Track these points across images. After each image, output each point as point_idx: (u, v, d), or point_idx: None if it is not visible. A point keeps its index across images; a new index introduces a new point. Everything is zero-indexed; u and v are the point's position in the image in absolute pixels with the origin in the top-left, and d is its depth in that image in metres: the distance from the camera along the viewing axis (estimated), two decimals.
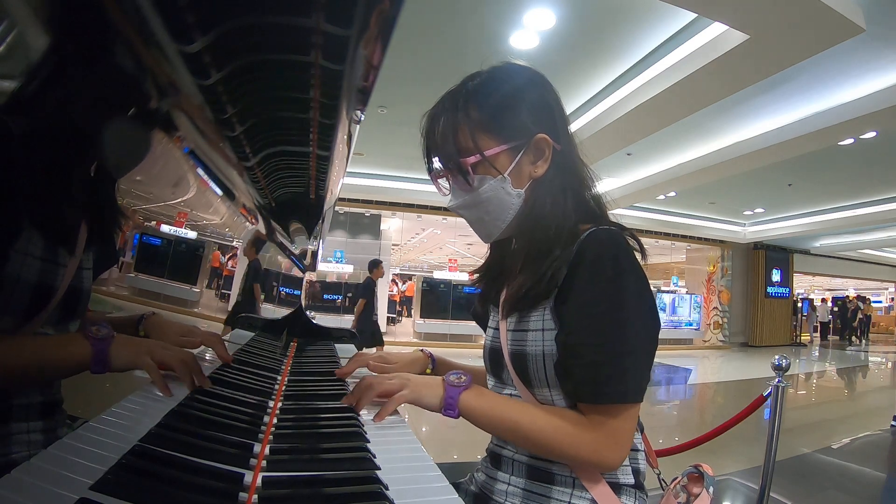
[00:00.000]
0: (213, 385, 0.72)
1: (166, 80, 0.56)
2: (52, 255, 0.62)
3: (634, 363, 0.63)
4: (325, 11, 0.43)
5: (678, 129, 5.10)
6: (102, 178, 0.70)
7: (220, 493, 0.43)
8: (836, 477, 3.06)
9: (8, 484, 0.37)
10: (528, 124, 0.71)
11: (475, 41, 3.86)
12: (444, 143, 0.72)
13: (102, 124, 0.59)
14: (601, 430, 0.63)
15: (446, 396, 0.71)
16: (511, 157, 0.71)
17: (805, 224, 10.08)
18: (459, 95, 0.72)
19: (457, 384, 0.72)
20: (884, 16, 3.16)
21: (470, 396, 0.71)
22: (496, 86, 0.72)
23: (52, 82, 0.50)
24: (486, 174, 0.71)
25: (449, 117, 0.72)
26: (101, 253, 0.76)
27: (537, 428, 0.65)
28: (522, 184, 0.73)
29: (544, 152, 0.72)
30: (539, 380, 0.69)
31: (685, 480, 0.82)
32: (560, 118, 0.74)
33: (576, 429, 0.64)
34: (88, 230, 0.69)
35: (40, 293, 0.61)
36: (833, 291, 21.14)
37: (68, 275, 0.65)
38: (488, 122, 0.70)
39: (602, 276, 0.63)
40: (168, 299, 1.09)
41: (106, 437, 0.48)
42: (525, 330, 0.70)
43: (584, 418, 0.64)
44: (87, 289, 0.72)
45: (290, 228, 1.51)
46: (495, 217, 0.74)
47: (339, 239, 9.87)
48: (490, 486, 0.75)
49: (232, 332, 1.38)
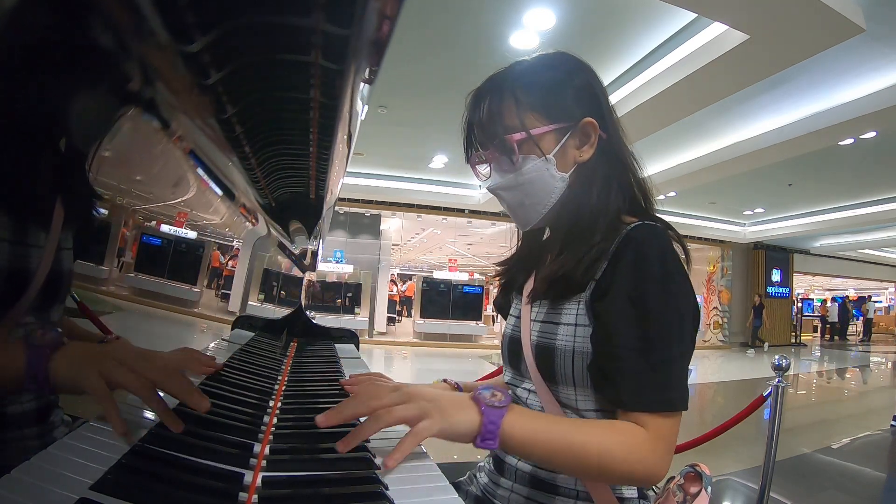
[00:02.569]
0: (212, 385, 0.72)
1: (164, 78, 0.56)
2: (27, 237, 0.57)
3: (680, 368, 0.60)
4: (325, 10, 0.43)
5: (678, 129, 5.10)
6: (72, 154, 0.64)
7: (220, 493, 0.43)
8: (836, 477, 3.06)
9: (8, 484, 0.37)
10: (575, 108, 0.70)
11: (475, 41, 3.86)
12: (489, 120, 0.71)
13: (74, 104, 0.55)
14: (658, 441, 0.57)
15: (486, 422, 0.55)
16: (557, 139, 0.69)
17: (805, 224, 10.08)
18: (507, 76, 0.71)
19: (497, 404, 0.56)
20: (884, 16, 3.15)
21: (514, 420, 0.56)
22: (544, 69, 0.72)
23: (16, 61, 0.46)
24: (530, 153, 0.69)
25: (496, 95, 0.70)
26: (80, 232, 0.70)
27: (594, 444, 0.56)
28: (567, 168, 0.70)
29: (590, 137, 0.70)
30: (564, 377, 0.65)
31: (682, 480, 0.82)
32: (606, 106, 0.72)
33: (633, 440, 0.57)
34: (64, 209, 0.63)
35: (18, 279, 0.56)
36: (833, 291, 21.14)
37: (47, 257, 0.59)
38: (536, 102, 0.69)
39: (649, 275, 0.60)
40: (168, 299, 1.09)
41: (106, 437, 0.48)
42: (556, 323, 0.67)
43: (639, 429, 0.57)
44: (69, 270, 0.67)
45: (290, 228, 1.51)
46: (537, 201, 0.71)
47: (339, 239, 9.86)
48: (492, 490, 0.74)
49: (232, 332, 1.38)
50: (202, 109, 0.62)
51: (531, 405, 0.72)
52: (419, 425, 0.53)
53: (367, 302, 9.70)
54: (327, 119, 0.68)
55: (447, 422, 0.54)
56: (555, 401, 0.68)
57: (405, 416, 0.53)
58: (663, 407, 0.58)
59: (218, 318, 1.36)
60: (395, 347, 9.48)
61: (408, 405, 0.54)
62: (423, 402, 0.54)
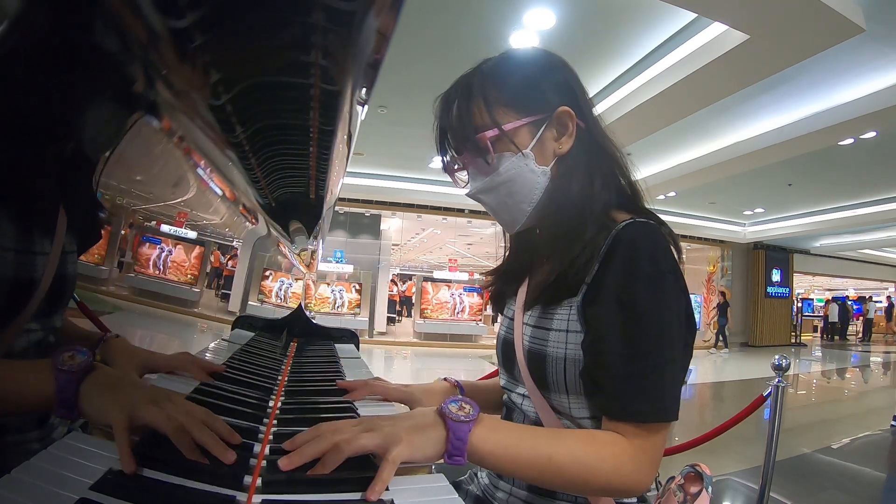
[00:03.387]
0: (212, 386, 0.72)
1: (164, 79, 0.56)
2: (31, 244, 0.58)
3: (672, 376, 0.57)
4: (325, 11, 0.43)
5: (678, 129, 5.10)
6: (78, 162, 0.65)
7: (220, 492, 0.43)
8: (836, 477, 3.06)
9: (8, 484, 0.37)
10: (549, 98, 0.66)
11: (475, 41, 3.85)
12: (459, 122, 0.67)
13: (80, 112, 0.56)
14: (641, 453, 0.55)
15: (452, 438, 0.52)
16: (533, 132, 0.66)
17: (805, 224, 10.08)
18: (475, 75, 0.68)
19: (463, 418, 0.52)
20: (884, 16, 3.15)
21: (483, 434, 0.53)
22: (513, 63, 0.69)
23: (23, 66, 0.47)
24: (506, 151, 0.66)
25: (464, 96, 0.67)
26: (84, 235, 0.71)
27: (574, 459, 0.54)
28: (547, 161, 0.67)
29: (568, 127, 0.67)
30: (556, 384, 0.63)
31: (682, 480, 0.81)
32: (582, 95, 0.69)
33: (615, 452, 0.55)
34: (68, 215, 0.63)
35: (23, 285, 0.56)
36: (833, 291, 21.14)
37: (52, 263, 0.60)
38: (506, 96, 0.66)
39: (639, 275, 0.57)
40: (168, 299, 1.09)
41: (106, 437, 0.48)
42: (547, 328, 0.64)
43: (621, 439, 0.55)
44: (73, 273, 0.67)
45: (290, 228, 1.51)
46: (520, 199, 0.67)
47: (339, 239, 9.86)
48: (492, 492, 0.73)
49: (232, 332, 1.38)
50: (203, 110, 0.62)
51: (526, 411, 0.70)
52: (391, 453, 0.49)
53: (366, 302, 9.71)
54: (327, 119, 0.68)
55: (414, 444, 0.51)
56: (548, 407, 0.66)
57: (368, 445, 0.49)
58: (649, 417, 0.55)
59: (218, 318, 1.36)
60: (395, 347, 9.48)
61: (372, 434, 0.50)
62: (388, 429, 0.51)
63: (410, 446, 0.50)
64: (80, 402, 0.46)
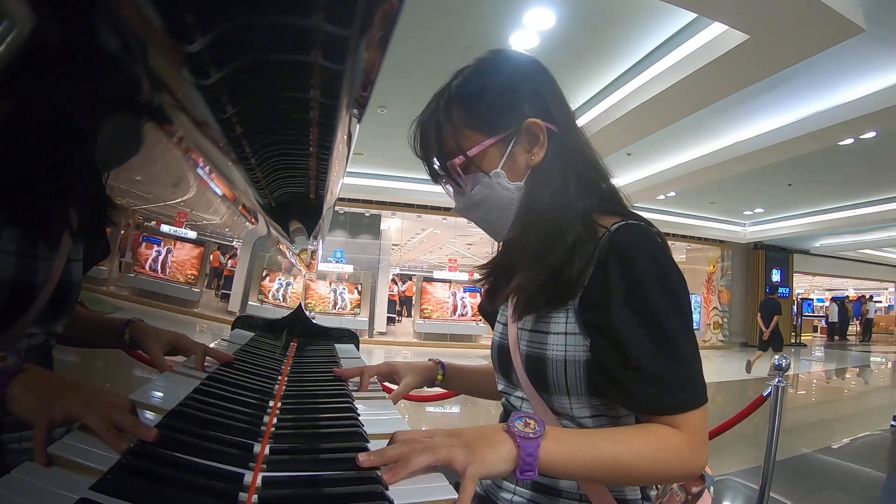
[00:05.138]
0: (212, 385, 0.72)
1: (165, 79, 0.56)
2: (36, 250, 0.58)
3: (699, 362, 0.60)
4: (325, 11, 0.43)
5: (678, 129, 5.10)
6: (89, 171, 0.66)
7: (219, 492, 0.42)
8: (836, 477, 3.06)
9: (8, 484, 0.37)
10: (515, 111, 0.66)
11: (475, 41, 3.86)
12: (428, 149, 0.70)
13: (91, 119, 0.57)
14: (693, 437, 0.58)
15: (523, 455, 0.53)
16: (502, 149, 0.67)
17: (805, 224, 10.08)
18: (442, 97, 0.69)
19: (531, 435, 0.54)
20: (884, 16, 3.16)
21: (550, 446, 0.54)
22: (477, 79, 0.69)
23: (34, 73, 0.47)
24: (477, 173, 0.67)
25: (430, 124, 0.69)
26: (93, 245, 0.72)
27: (638, 455, 0.56)
28: (521, 175, 0.68)
29: (538, 137, 0.67)
30: (557, 386, 0.64)
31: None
32: (552, 99, 0.69)
33: (672, 442, 0.57)
34: (77, 223, 0.65)
35: (27, 290, 0.57)
36: (833, 291, 21.14)
37: (56, 270, 0.61)
38: (470, 118, 0.67)
39: (645, 278, 0.59)
40: (168, 299, 1.09)
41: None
42: (544, 332, 0.65)
43: (673, 430, 0.58)
44: (77, 282, 0.68)
45: (290, 228, 1.51)
46: (498, 215, 0.70)
47: (339, 239, 9.87)
48: (495, 492, 0.73)
49: (232, 332, 1.38)
50: (202, 109, 0.62)
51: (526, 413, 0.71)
52: (469, 470, 0.50)
53: (366, 302, 9.71)
54: (327, 119, 0.68)
55: (488, 462, 0.52)
56: (548, 410, 0.67)
57: (456, 459, 0.51)
58: (690, 405, 0.58)
59: (218, 318, 1.36)
60: (395, 347, 9.48)
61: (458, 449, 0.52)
62: (461, 448, 0.52)
63: (485, 465, 0.52)
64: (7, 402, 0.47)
